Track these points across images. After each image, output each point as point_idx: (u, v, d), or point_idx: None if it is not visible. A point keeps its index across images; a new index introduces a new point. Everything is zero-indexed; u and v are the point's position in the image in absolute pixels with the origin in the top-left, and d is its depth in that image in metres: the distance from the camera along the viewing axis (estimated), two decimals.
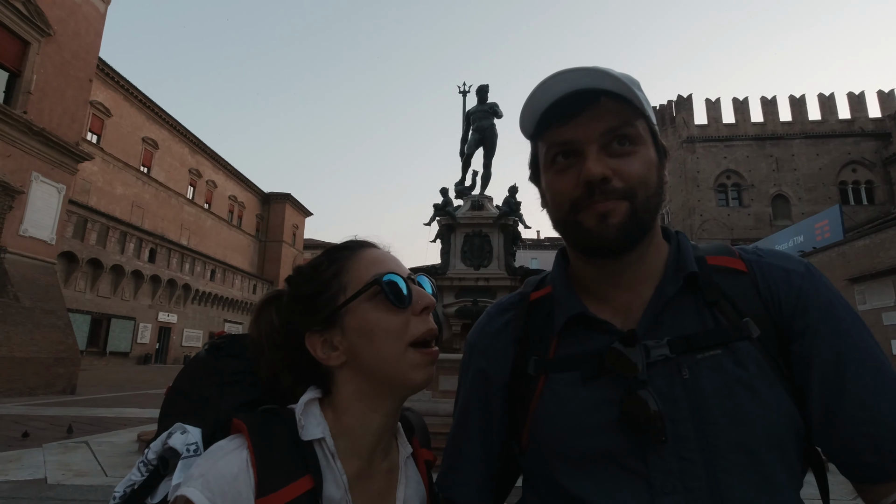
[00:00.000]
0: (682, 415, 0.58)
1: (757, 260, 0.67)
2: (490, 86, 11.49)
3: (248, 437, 0.58)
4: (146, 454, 0.64)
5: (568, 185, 0.63)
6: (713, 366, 0.59)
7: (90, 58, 17.52)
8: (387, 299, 0.63)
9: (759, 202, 32.30)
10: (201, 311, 38.19)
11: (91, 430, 8.09)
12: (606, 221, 0.61)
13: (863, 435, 0.55)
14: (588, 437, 0.61)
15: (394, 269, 0.67)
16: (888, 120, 31.65)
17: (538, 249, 50.51)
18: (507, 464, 0.75)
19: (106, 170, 30.62)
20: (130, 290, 30.69)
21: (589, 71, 0.61)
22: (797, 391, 0.59)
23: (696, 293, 0.64)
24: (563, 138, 0.63)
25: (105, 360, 28.20)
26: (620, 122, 0.61)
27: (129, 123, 32.80)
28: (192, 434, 0.63)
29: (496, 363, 0.73)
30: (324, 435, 0.62)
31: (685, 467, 0.56)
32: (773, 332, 0.61)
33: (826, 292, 0.63)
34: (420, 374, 0.64)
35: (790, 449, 0.58)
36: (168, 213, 36.73)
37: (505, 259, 10.69)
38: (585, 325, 0.66)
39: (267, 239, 50.81)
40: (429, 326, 0.65)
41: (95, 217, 27.33)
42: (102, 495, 4.57)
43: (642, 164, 0.62)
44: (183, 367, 0.77)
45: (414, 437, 0.75)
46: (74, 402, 12.31)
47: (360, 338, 0.64)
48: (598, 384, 0.62)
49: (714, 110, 33.68)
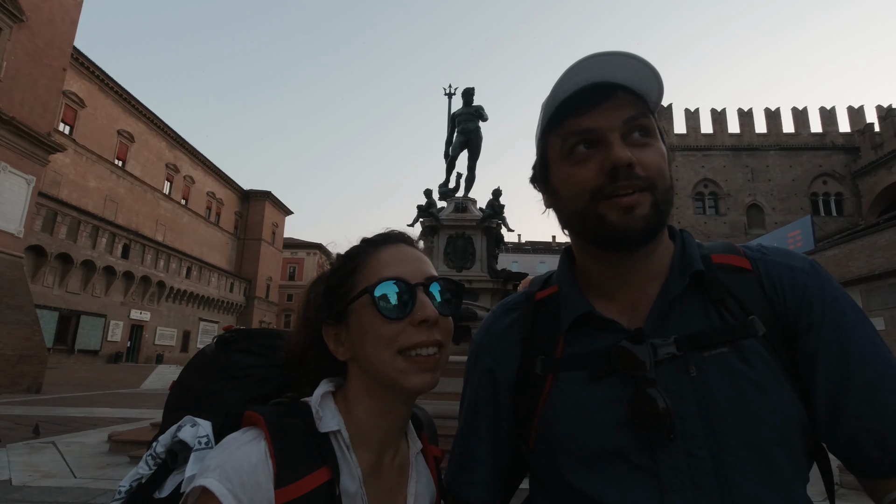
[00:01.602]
0: (691, 412, 0.58)
1: (762, 258, 0.67)
2: (476, 89, 11.53)
3: (266, 428, 0.58)
4: (154, 447, 0.63)
5: (589, 175, 0.62)
6: (720, 364, 0.59)
7: (65, 46, 17.03)
8: (377, 310, 0.63)
9: (735, 211, 33.20)
10: (176, 309, 37.34)
11: (59, 430, 7.83)
12: (632, 213, 0.60)
13: (867, 430, 0.55)
14: (597, 436, 0.61)
15: (401, 274, 0.65)
16: (857, 135, 32.87)
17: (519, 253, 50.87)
18: (515, 462, 0.75)
19: (79, 162, 29.74)
20: (102, 287, 29.82)
21: (611, 59, 0.61)
22: (803, 388, 0.60)
23: (702, 291, 0.64)
24: (585, 126, 0.62)
25: (73, 358, 27.30)
26: (639, 113, 0.62)
27: (104, 115, 31.92)
28: (202, 427, 0.63)
29: (503, 363, 0.73)
30: (340, 427, 0.62)
31: (694, 464, 0.57)
32: (778, 330, 0.62)
33: (831, 289, 0.63)
34: (411, 379, 0.62)
35: (797, 445, 0.59)
36: (143, 209, 35.83)
37: (488, 261, 10.74)
38: (592, 324, 0.66)
39: (246, 237, 49.95)
40: (421, 339, 0.62)
41: (66, 210, 26.48)
42: (71, 497, 4.43)
43: (659, 156, 0.62)
44: (189, 362, 0.76)
45: (423, 434, 0.75)
46: (41, 401, 11.90)
47: (358, 338, 0.65)
48: (605, 383, 0.62)
49: (693, 120, 34.47)
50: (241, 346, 0.75)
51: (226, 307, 43.68)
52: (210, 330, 41.62)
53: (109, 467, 5.58)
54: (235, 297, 45.08)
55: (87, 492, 4.62)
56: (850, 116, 33.98)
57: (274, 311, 52.02)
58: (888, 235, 18.44)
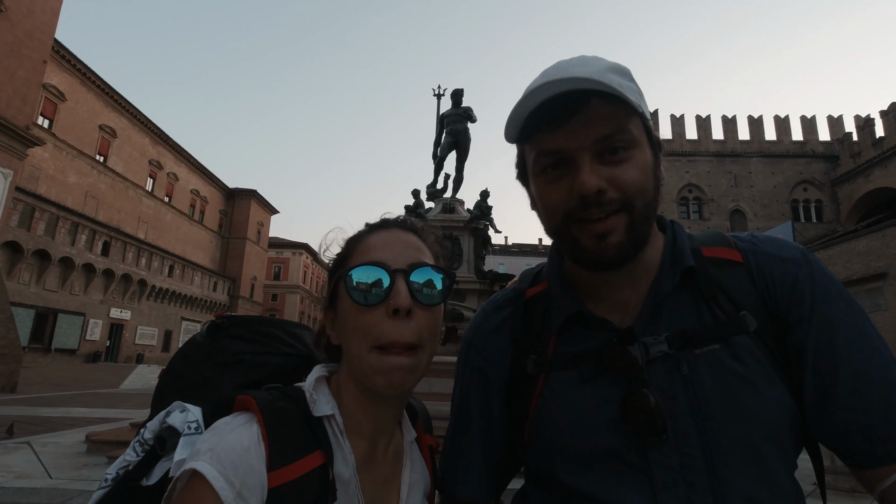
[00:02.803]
0: (682, 410, 0.58)
1: (752, 249, 0.66)
2: (465, 90, 11.55)
3: (258, 411, 0.56)
4: (142, 433, 0.61)
5: (561, 196, 0.60)
6: (712, 361, 0.59)
7: (45, 38, 16.66)
8: (348, 295, 0.61)
9: (718, 216, 33.74)
10: (158, 307, 36.72)
11: (34, 430, 7.63)
12: (605, 241, 0.59)
13: (853, 422, 0.56)
14: (590, 435, 0.61)
15: (382, 258, 0.62)
16: (836, 143, 33.68)
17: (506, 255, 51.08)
18: (506, 460, 0.75)
19: (58, 157, 29.06)
20: (81, 285, 29.18)
21: (580, 62, 0.58)
22: (793, 381, 0.60)
23: (693, 287, 0.64)
24: (553, 147, 0.59)
25: (50, 357, 26.67)
26: (613, 129, 0.58)
27: (85, 109, 31.26)
28: (192, 412, 0.61)
29: (494, 362, 0.72)
30: (334, 412, 0.61)
31: (686, 462, 0.57)
32: (769, 323, 0.61)
33: (822, 279, 0.62)
34: (379, 379, 0.59)
35: (787, 440, 0.59)
36: (125, 205, 35.14)
37: (475, 262, 10.76)
38: (583, 322, 0.66)
39: (230, 236, 49.30)
40: (394, 337, 0.58)
41: (44, 206, 25.86)
42: (46, 498, 4.32)
43: (638, 170, 0.59)
44: (179, 349, 0.74)
45: (417, 423, 0.74)
46: (15, 401, 11.60)
47: (341, 326, 0.64)
48: (598, 382, 0.62)
49: (678, 126, 35.00)
50: (234, 332, 0.73)
51: (209, 306, 43.02)
52: (193, 329, 40.95)
53: (87, 468, 5.45)
54: (219, 296, 44.48)
55: (62, 493, 4.51)
56: (830, 125, 34.80)
57: (258, 311, 51.37)
58: (865, 242, 18.98)
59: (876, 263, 18.26)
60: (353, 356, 0.62)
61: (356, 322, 0.60)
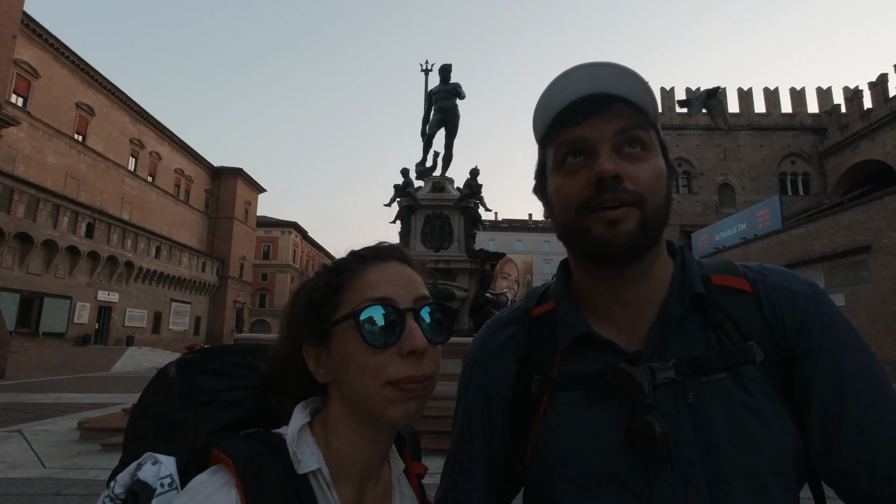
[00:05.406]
0: (688, 439, 0.58)
1: (762, 280, 0.67)
2: (453, 66, 11.31)
3: (236, 473, 0.53)
4: (112, 488, 0.57)
5: (577, 186, 0.61)
6: (718, 390, 0.59)
7: (14, 12, 15.94)
8: (361, 337, 0.57)
9: (707, 190, 34.03)
10: (146, 289, 36.37)
11: (25, 417, 7.59)
12: (616, 228, 0.59)
13: (860, 461, 0.56)
14: (593, 460, 0.61)
15: (389, 295, 0.60)
16: (825, 116, 33.85)
17: (496, 231, 51.14)
18: (508, 480, 0.75)
19: (35, 136, 28.18)
20: (66, 267, 28.71)
21: (607, 70, 0.61)
22: (798, 414, 0.60)
23: (702, 314, 0.64)
24: (576, 136, 0.62)
25: (38, 341, 26.39)
26: (633, 123, 0.61)
27: (60, 86, 30.19)
28: (165, 465, 0.57)
29: (498, 381, 0.72)
30: (319, 465, 0.57)
31: (689, 491, 0.57)
32: (776, 355, 0.62)
33: (830, 314, 0.63)
34: (396, 410, 0.57)
35: (791, 472, 0.59)
36: (107, 186, 34.38)
37: (465, 241, 10.74)
38: (590, 344, 0.65)
39: (217, 215, 48.58)
40: (410, 372, 0.57)
41: (23, 188, 25.19)
42: (40, 488, 4.31)
43: (653, 171, 0.61)
44: (149, 383, 0.69)
45: (405, 451, 0.72)
46: (4, 387, 11.52)
47: (340, 364, 0.60)
48: (602, 406, 0.62)
49: (668, 99, 34.86)
50: (206, 367, 0.68)
51: (198, 287, 42.79)
52: (182, 311, 40.87)
53: (80, 456, 5.45)
54: (208, 276, 44.15)
55: (57, 482, 4.50)
56: (819, 97, 34.92)
57: (248, 291, 51.27)
58: (850, 215, 19.22)
59: (860, 236, 18.51)
60: (358, 395, 0.59)
61: (365, 363, 0.57)
